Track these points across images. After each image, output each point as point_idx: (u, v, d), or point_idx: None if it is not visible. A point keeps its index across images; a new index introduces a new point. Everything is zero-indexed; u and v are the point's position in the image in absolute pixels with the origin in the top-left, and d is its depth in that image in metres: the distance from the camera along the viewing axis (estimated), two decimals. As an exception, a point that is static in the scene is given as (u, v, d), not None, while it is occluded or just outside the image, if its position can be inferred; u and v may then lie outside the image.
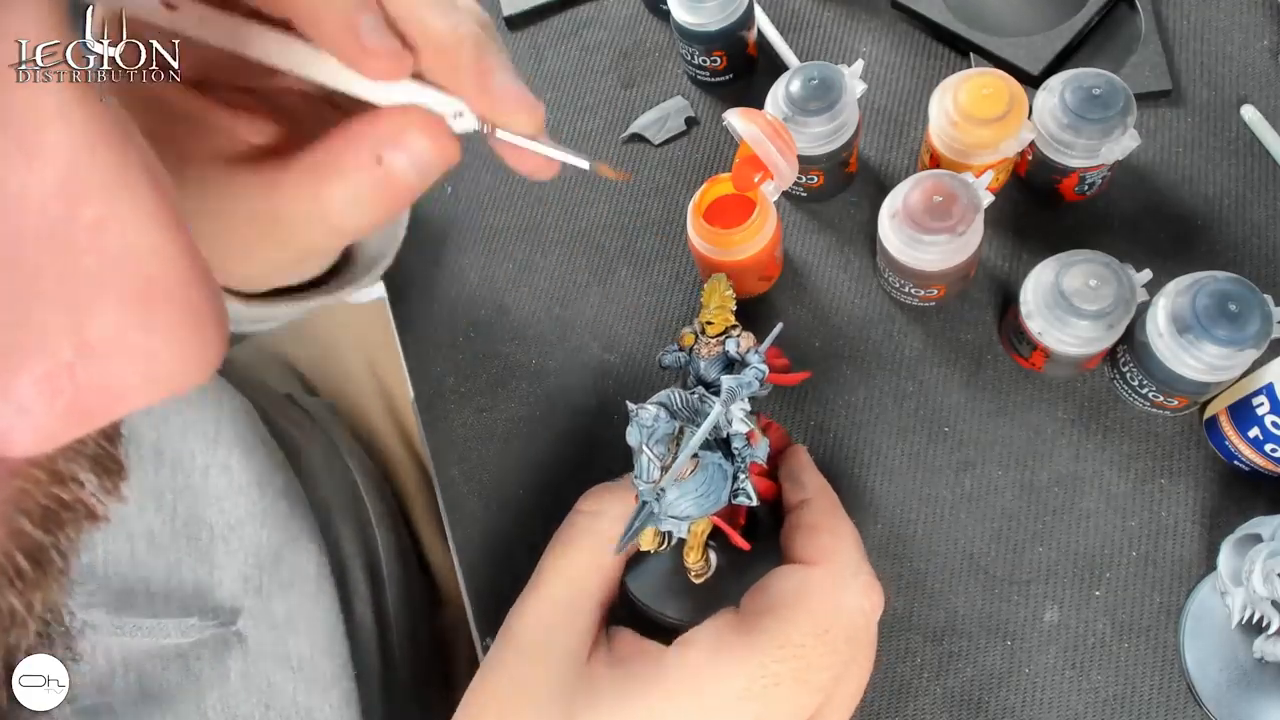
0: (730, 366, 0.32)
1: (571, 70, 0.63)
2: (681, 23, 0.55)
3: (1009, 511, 0.46)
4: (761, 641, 0.28)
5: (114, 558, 0.33)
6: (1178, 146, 0.52)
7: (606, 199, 0.58)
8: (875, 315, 0.51)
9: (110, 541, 0.33)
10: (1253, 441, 0.42)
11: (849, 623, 0.29)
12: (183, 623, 0.35)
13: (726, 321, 0.33)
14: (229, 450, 0.41)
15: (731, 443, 0.31)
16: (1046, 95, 0.47)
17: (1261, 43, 0.53)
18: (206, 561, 0.37)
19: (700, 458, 0.29)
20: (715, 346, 0.33)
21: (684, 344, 0.34)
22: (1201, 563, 0.43)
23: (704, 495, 0.30)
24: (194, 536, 0.37)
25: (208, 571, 0.37)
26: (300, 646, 0.41)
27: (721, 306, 0.34)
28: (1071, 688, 0.43)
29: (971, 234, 0.45)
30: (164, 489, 0.37)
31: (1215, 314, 0.39)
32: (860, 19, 0.60)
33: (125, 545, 0.34)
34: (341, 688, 0.44)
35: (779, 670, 0.28)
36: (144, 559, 0.35)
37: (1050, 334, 0.43)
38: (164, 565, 0.35)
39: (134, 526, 0.35)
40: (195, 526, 0.38)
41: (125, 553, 0.34)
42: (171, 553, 0.36)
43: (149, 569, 0.35)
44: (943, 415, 0.48)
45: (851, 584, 0.30)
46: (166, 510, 0.36)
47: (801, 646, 0.28)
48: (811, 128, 0.48)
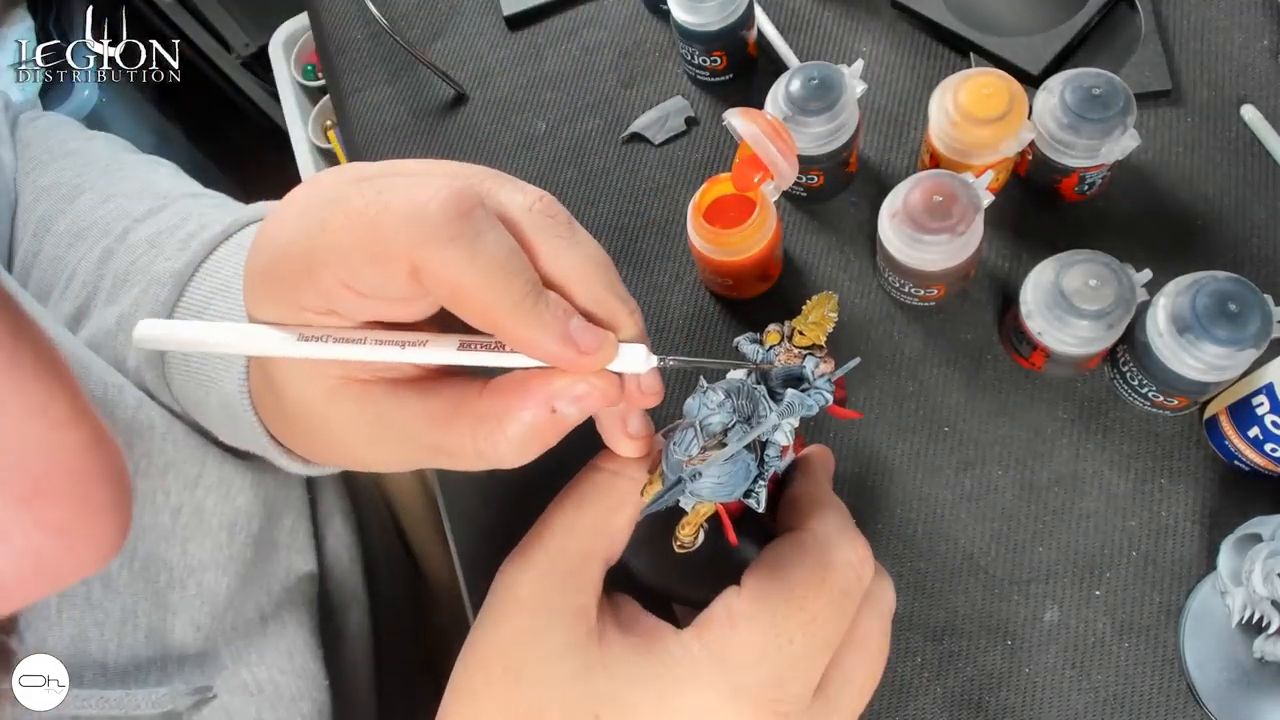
0: (798, 381, 0.33)
1: (571, 70, 0.63)
2: (681, 23, 0.55)
3: (1009, 511, 0.46)
4: (770, 603, 0.29)
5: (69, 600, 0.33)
6: (1178, 146, 0.52)
7: (607, 199, 0.58)
8: (875, 315, 0.51)
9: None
10: (1253, 441, 0.42)
11: (841, 575, 0.30)
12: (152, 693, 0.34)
13: (817, 339, 0.33)
14: (206, 492, 0.40)
15: (765, 449, 0.32)
16: (1046, 95, 0.47)
17: (1261, 43, 0.53)
18: (160, 606, 0.37)
19: (736, 453, 0.30)
20: (795, 357, 0.33)
21: (767, 340, 0.34)
22: (1201, 563, 0.43)
23: (723, 485, 0.30)
24: (152, 579, 0.36)
25: (160, 617, 0.37)
26: (258, 673, 0.41)
27: (819, 324, 0.34)
28: (1071, 687, 0.43)
29: (971, 234, 0.45)
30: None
31: (1215, 314, 0.39)
32: (860, 19, 0.60)
33: (81, 587, 0.33)
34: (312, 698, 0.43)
35: (790, 626, 0.28)
36: (99, 600, 0.34)
37: (1050, 334, 0.43)
38: (119, 609, 0.35)
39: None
40: (154, 568, 0.37)
41: (81, 594, 0.33)
42: (127, 595, 0.35)
43: (104, 612, 0.34)
44: (943, 415, 0.48)
45: (837, 539, 0.31)
46: (126, 550, 0.36)
47: (805, 599, 0.29)
48: (811, 128, 0.48)
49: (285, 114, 1.20)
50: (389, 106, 0.66)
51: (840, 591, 0.29)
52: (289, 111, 1.19)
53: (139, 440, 0.36)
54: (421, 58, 0.63)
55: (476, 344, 0.28)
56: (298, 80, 1.22)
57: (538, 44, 0.65)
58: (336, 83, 0.68)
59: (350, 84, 0.67)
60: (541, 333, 0.25)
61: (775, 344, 0.34)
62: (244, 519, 0.42)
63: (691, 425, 0.30)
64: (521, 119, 0.62)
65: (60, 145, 0.46)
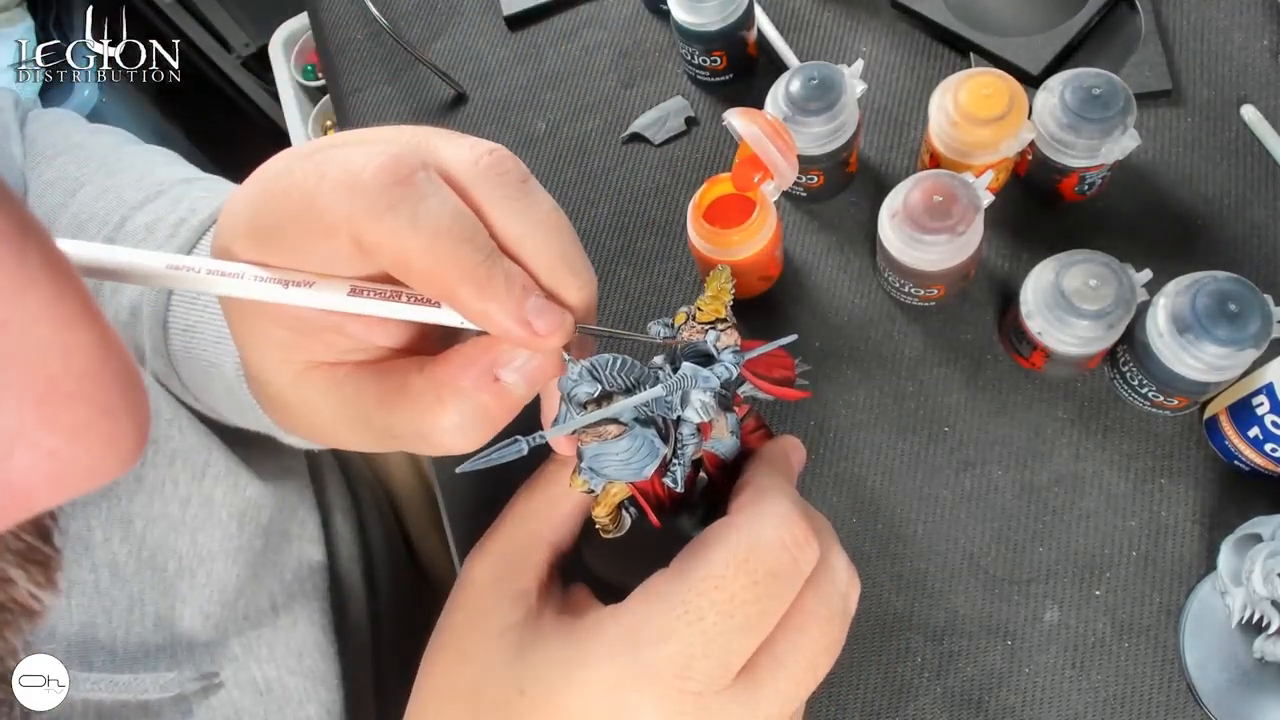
0: (709, 360, 0.32)
1: (571, 70, 0.63)
2: (681, 23, 0.55)
3: (1009, 511, 0.46)
4: (683, 580, 0.28)
5: (78, 588, 0.33)
6: (1178, 146, 0.52)
7: (606, 199, 0.58)
8: (875, 315, 0.51)
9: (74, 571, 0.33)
10: (1253, 441, 0.42)
11: (769, 555, 0.28)
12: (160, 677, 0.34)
13: (717, 314, 0.32)
14: (215, 483, 0.40)
15: (680, 427, 0.31)
16: (1046, 95, 0.47)
17: (1261, 43, 0.53)
18: (170, 594, 0.37)
19: (630, 427, 0.30)
20: (698, 333, 0.32)
21: (675, 321, 0.34)
22: (1201, 563, 0.43)
23: (625, 463, 0.30)
24: (160, 567, 0.36)
25: (169, 605, 0.37)
26: (267, 671, 0.41)
27: (715, 297, 0.33)
28: (1071, 688, 0.43)
29: (971, 234, 0.45)
30: (135, 516, 0.36)
31: (1215, 314, 0.39)
32: (860, 19, 0.60)
33: (90, 575, 0.33)
34: (319, 699, 0.43)
35: (701, 604, 0.27)
36: (107, 589, 0.34)
37: (1050, 334, 0.43)
38: (127, 597, 0.35)
39: (98, 556, 0.34)
40: (163, 556, 0.37)
41: (90, 582, 0.33)
42: (135, 584, 0.35)
43: (111, 600, 0.34)
44: (943, 415, 0.48)
45: (769, 519, 0.29)
46: (134, 539, 0.36)
47: (722, 577, 0.28)
48: (811, 128, 0.48)
49: (285, 114, 1.20)
50: (389, 106, 0.66)
51: (767, 572, 0.28)
52: (289, 111, 1.20)
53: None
54: (421, 58, 0.63)
55: (370, 290, 0.26)
56: (298, 80, 1.22)
57: (538, 44, 0.65)
58: (336, 83, 0.68)
59: (350, 84, 0.67)
60: (496, 307, 0.24)
61: (681, 323, 0.33)
62: (253, 510, 0.42)
63: (561, 401, 0.30)
64: (521, 119, 0.62)
65: (64, 140, 0.46)
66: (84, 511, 0.34)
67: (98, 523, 0.34)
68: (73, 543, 0.33)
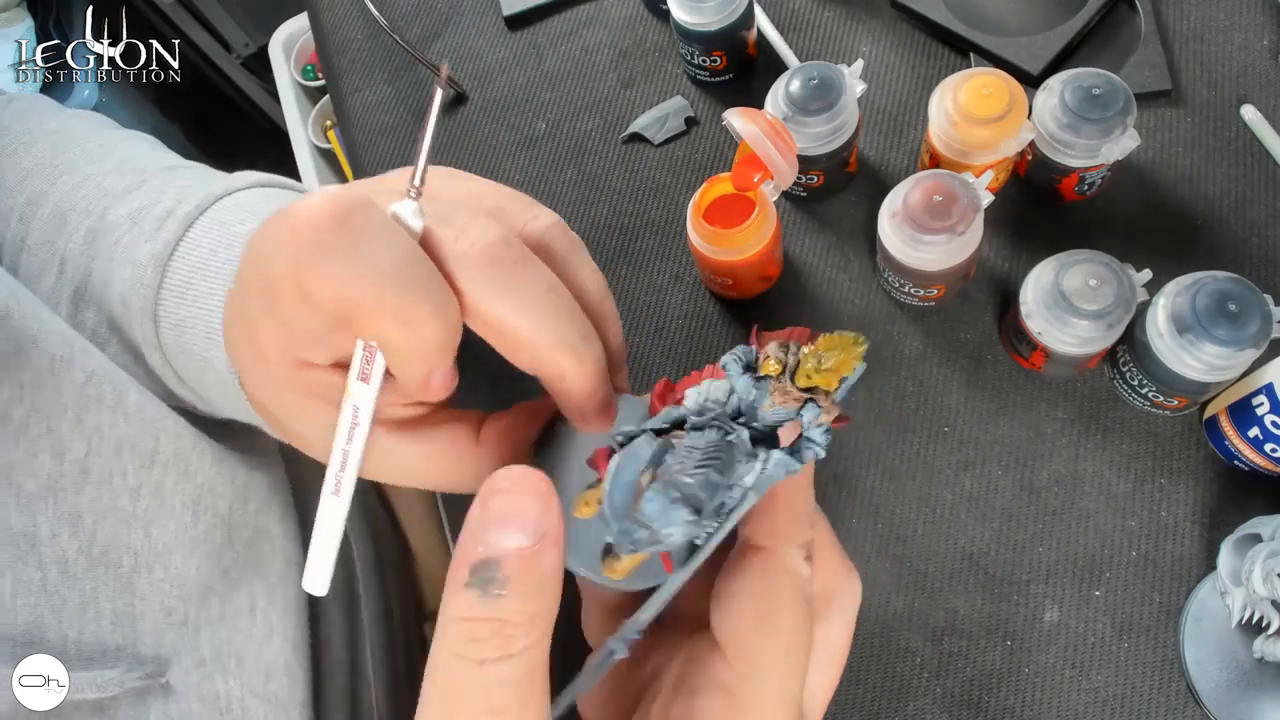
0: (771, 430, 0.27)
1: (571, 70, 0.63)
2: (681, 23, 0.55)
3: (1009, 511, 0.46)
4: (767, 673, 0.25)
5: (23, 587, 0.31)
6: (1178, 146, 0.52)
7: (606, 199, 0.58)
8: (875, 315, 0.51)
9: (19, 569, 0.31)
10: (1253, 441, 0.42)
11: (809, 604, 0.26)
12: (99, 676, 0.32)
13: (827, 385, 0.27)
14: (164, 470, 0.38)
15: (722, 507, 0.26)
16: (1046, 95, 0.47)
17: (1261, 43, 0.53)
18: (127, 591, 0.35)
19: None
20: (791, 401, 0.27)
21: (763, 367, 0.27)
22: (1201, 563, 0.43)
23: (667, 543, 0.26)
24: (115, 564, 0.35)
25: (128, 602, 0.35)
26: (231, 686, 0.39)
27: (834, 370, 0.27)
28: (1071, 688, 0.43)
29: (971, 234, 0.45)
30: (84, 511, 0.34)
31: (1215, 314, 0.39)
32: (860, 19, 0.60)
33: (36, 573, 0.32)
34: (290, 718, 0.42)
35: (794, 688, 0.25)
36: (56, 587, 0.32)
37: (1050, 334, 0.43)
38: (78, 595, 0.33)
39: (45, 553, 0.32)
40: (117, 552, 0.35)
41: (36, 580, 0.32)
42: (87, 581, 0.33)
43: (61, 598, 0.32)
44: (943, 415, 0.48)
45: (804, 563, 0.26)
46: (84, 535, 0.34)
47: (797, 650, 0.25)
48: (811, 128, 0.48)
49: (285, 114, 1.20)
50: (389, 106, 0.66)
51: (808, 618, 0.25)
52: (289, 111, 1.20)
53: (88, 414, 0.35)
54: (421, 58, 0.63)
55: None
56: (298, 80, 1.22)
57: (538, 44, 0.65)
58: (336, 83, 0.68)
59: (350, 84, 0.67)
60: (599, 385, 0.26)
61: (772, 376, 0.27)
62: (208, 498, 0.40)
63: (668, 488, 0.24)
64: (521, 119, 0.62)
65: (39, 126, 0.45)
66: (29, 507, 0.32)
67: (44, 519, 0.33)
68: (17, 539, 0.31)
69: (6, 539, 0.31)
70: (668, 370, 0.53)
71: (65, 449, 0.34)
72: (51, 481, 0.33)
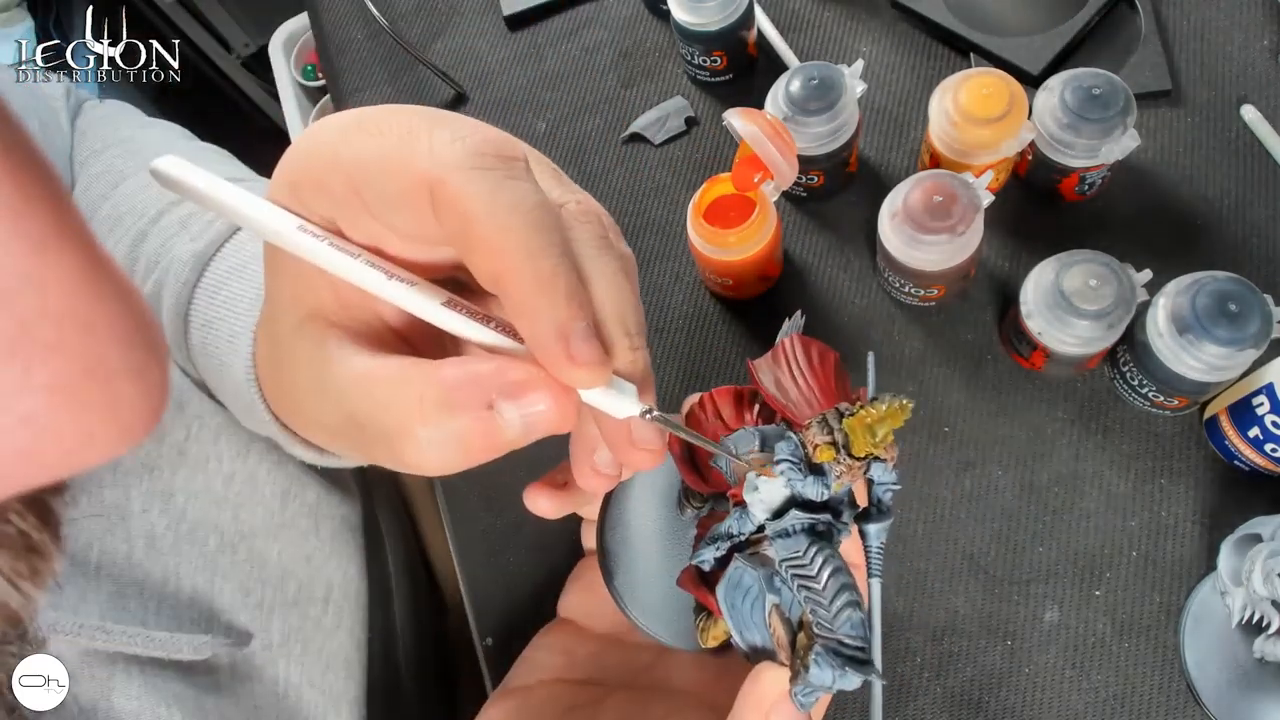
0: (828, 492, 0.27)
1: (571, 70, 0.63)
2: (681, 23, 0.55)
3: (1009, 511, 0.46)
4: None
5: (109, 558, 0.32)
6: (1178, 146, 0.52)
7: (606, 200, 0.58)
8: (875, 315, 0.51)
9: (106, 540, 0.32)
10: (1253, 441, 0.42)
11: None
12: (195, 639, 0.33)
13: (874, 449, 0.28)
14: (260, 460, 0.39)
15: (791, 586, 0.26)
16: (1046, 95, 0.47)
17: (1261, 43, 0.53)
18: (208, 569, 0.36)
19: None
20: (856, 472, 0.27)
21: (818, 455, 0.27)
22: (1201, 563, 0.43)
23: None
24: (201, 542, 0.36)
25: (207, 580, 0.36)
26: (292, 673, 0.40)
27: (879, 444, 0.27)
28: (1071, 688, 0.43)
29: (971, 234, 0.45)
30: (176, 490, 0.36)
31: (1215, 314, 0.39)
32: (860, 19, 0.60)
33: (123, 545, 0.33)
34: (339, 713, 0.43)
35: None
36: (140, 561, 0.33)
37: (1050, 334, 0.43)
38: (160, 570, 0.34)
39: (134, 527, 0.34)
40: (203, 531, 0.36)
41: (123, 553, 0.33)
42: (171, 558, 0.35)
43: (145, 572, 0.33)
44: (943, 415, 0.48)
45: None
46: (174, 513, 0.35)
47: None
48: (811, 128, 0.48)
49: (285, 114, 1.20)
50: (389, 106, 0.66)
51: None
52: (289, 111, 1.19)
53: (190, 403, 0.36)
54: (421, 58, 0.63)
55: (464, 306, 0.23)
56: (298, 80, 1.21)
57: (538, 44, 0.65)
58: (336, 83, 0.68)
59: (350, 84, 0.67)
60: (546, 304, 0.21)
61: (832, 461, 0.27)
62: (297, 486, 0.41)
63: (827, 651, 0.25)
64: (521, 119, 0.62)
65: (113, 133, 0.46)
66: (123, 481, 0.33)
67: (137, 494, 0.34)
68: (109, 511, 0.32)
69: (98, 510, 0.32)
70: (668, 370, 0.53)
71: (165, 433, 0.35)
72: (149, 460, 0.34)
